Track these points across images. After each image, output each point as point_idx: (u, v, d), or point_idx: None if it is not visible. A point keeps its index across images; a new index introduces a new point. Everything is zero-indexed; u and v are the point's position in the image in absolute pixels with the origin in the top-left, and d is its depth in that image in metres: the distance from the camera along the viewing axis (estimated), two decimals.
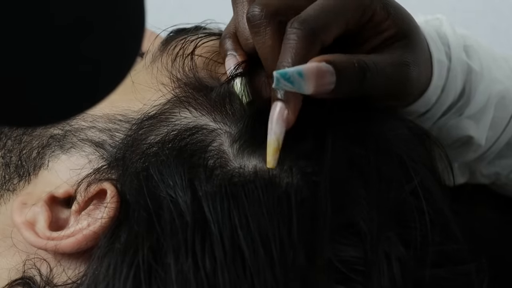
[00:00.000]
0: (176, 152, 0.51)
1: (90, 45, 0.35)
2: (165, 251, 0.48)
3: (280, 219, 0.48)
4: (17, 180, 0.55)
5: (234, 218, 0.48)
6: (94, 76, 0.36)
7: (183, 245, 0.48)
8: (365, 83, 0.50)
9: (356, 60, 0.50)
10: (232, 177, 0.49)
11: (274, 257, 0.47)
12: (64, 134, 0.55)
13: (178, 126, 0.52)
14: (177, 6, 1.08)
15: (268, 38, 0.50)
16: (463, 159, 0.63)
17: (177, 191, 0.49)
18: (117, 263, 0.48)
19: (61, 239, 0.50)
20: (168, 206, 0.49)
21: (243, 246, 0.47)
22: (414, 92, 0.55)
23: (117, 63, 0.37)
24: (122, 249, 0.48)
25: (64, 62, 0.35)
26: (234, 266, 0.47)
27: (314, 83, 0.48)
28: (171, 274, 0.47)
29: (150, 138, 0.52)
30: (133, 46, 0.37)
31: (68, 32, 0.34)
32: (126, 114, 0.54)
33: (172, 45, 0.57)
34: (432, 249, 0.50)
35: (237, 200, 0.48)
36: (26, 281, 0.52)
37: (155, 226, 0.49)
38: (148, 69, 0.57)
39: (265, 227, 0.48)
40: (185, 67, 0.55)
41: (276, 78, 0.47)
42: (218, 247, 0.47)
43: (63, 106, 0.37)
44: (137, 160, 0.51)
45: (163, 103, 0.54)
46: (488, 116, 0.60)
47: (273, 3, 0.51)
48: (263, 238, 0.47)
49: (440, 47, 0.58)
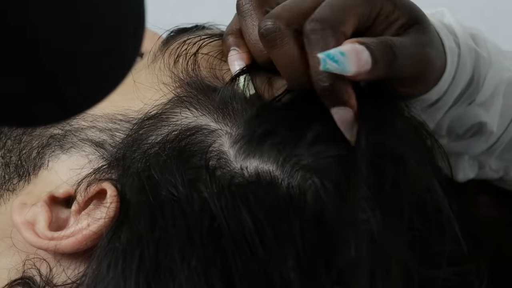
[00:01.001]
0: (177, 152, 0.51)
1: (90, 45, 0.35)
2: (168, 250, 0.48)
3: (282, 220, 0.48)
4: (17, 180, 0.55)
5: (241, 216, 0.48)
6: (94, 76, 0.36)
7: (188, 242, 0.48)
8: (396, 62, 0.50)
9: (383, 40, 0.50)
10: (233, 178, 0.49)
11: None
12: (64, 134, 0.54)
13: (179, 126, 0.52)
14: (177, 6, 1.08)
15: (287, 49, 0.50)
16: (475, 150, 0.62)
17: (179, 191, 0.49)
18: (118, 263, 0.48)
19: (61, 239, 0.50)
20: (170, 206, 0.49)
21: (251, 238, 0.48)
22: (435, 74, 0.55)
23: (117, 63, 0.37)
24: (122, 249, 0.48)
25: (64, 61, 0.34)
26: (245, 256, 0.47)
27: (355, 62, 0.48)
28: (178, 272, 0.47)
29: (151, 138, 0.52)
30: (133, 46, 0.37)
31: (67, 32, 0.34)
32: (126, 113, 0.54)
33: (173, 44, 0.57)
34: (434, 249, 0.50)
35: (241, 200, 0.49)
36: (25, 281, 0.52)
37: (157, 225, 0.49)
38: (149, 68, 0.57)
39: (269, 226, 0.48)
40: (188, 67, 0.55)
41: (322, 59, 0.48)
42: (228, 241, 0.47)
43: (63, 106, 0.36)
44: (138, 160, 0.51)
45: (164, 103, 0.54)
46: (498, 103, 0.60)
47: (284, 14, 0.51)
48: (269, 232, 0.48)
49: (448, 35, 0.58)
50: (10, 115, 0.36)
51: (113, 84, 0.37)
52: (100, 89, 0.37)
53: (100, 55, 0.35)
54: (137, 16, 0.36)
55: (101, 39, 0.35)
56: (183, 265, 0.47)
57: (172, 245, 0.48)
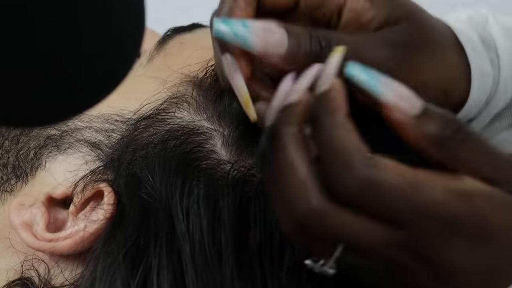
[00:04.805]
0: (171, 152, 0.51)
1: (89, 45, 0.35)
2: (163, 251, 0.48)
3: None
4: (15, 181, 0.55)
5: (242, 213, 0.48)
6: (93, 77, 0.36)
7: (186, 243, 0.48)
8: (326, 55, 0.46)
9: (313, 30, 0.47)
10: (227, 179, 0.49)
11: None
12: (61, 134, 0.54)
13: (173, 127, 0.52)
14: (177, 6, 1.08)
15: None
16: None
17: (172, 192, 0.49)
18: (114, 263, 0.48)
19: (59, 240, 0.51)
20: (163, 207, 0.49)
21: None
22: (435, 86, 0.50)
23: (117, 63, 0.37)
24: (118, 250, 0.48)
25: (62, 62, 0.34)
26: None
27: (261, 39, 0.46)
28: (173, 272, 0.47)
29: (145, 138, 0.52)
30: (133, 46, 0.37)
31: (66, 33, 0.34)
32: (122, 114, 0.54)
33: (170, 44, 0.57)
34: None
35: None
36: (24, 282, 0.52)
37: (151, 227, 0.49)
38: (145, 68, 0.57)
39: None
40: (183, 68, 0.55)
41: (216, 24, 0.45)
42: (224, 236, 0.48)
43: (61, 107, 0.36)
44: (132, 161, 0.51)
45: (159, 103, 0.53)
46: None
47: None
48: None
49: (483, 54, 0.53)
50: (8, 115, 0.36)
51: (113, 85, 0.37)
52: (100, 90, 0.37)
53: (100, 55, 0.35)
54: (137, 16, 0.36)
55: (100, 40, 0.35)
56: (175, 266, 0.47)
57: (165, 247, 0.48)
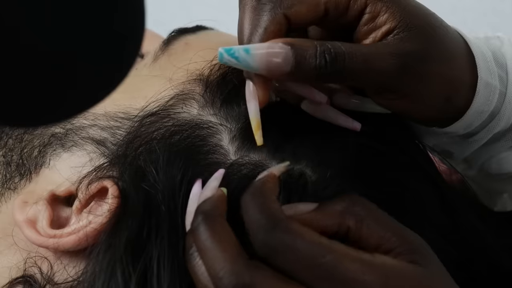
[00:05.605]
0: (176, 148, 0.51)
1: (90, 45, 0.35)
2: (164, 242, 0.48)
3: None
4: (18, 178, 0.55)
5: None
6: (95, 76, 0.36)
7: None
8: (332, 68, 0.47)
9: (319, 44, 0.47)
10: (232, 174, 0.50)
11: None
12: (66, 132, 0.55)
13: (179, 122, 0.52)
14: (177, 6, 1.08)
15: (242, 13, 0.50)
16: (504, 189, 0.60)
17: (177, 187, 0.49)
18: (117, 259, 0.48)
19: (62, 236, 0.51)
20: (166, 199, 0.49)
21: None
22: (440, 98, 0.51)
23: (118, 62, 0.37)
24: (122, 245, 0.48)
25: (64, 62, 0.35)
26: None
27: (264, 61, 0.47)
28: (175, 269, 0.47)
29: (151, 134, 0.52)
30: (134, 45, 0.37)
31: (66, 33, 0.34)
32: (128, 111, 0.54)
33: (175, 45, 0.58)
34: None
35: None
36: (27, 279, 0.52)
37: (153, 218, 0.49)
38: (150, 68, 0.57)
39: None
40: (189, 66, 0.55)
41: (220, 52, 0.47)
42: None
43: (64, 106, 0.37)
44: (137, 156, 0.51)
45: (166, 100, 0.54)
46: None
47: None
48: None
49: (493, 69, 0.53)
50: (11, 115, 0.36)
51: (114, 84, 0.37)
52: (101, 89, 0.37)
53: (101, 55, 0.35)
54: (137, 16, 0.36)
55: (101, 39, 0.35)
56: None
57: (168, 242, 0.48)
